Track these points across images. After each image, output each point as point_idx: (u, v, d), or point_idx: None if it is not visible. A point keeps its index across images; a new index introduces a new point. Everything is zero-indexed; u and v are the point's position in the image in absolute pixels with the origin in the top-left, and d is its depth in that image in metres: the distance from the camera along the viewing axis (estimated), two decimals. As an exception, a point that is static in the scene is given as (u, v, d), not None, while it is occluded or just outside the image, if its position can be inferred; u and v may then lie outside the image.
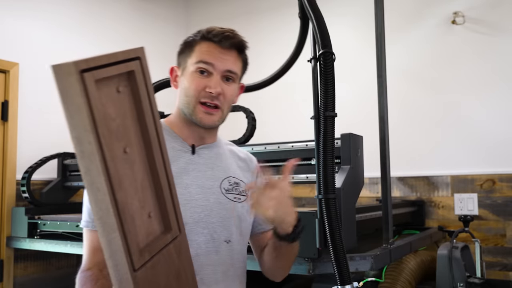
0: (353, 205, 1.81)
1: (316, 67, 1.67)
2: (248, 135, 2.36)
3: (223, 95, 1.28)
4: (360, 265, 1.69)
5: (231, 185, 1.35)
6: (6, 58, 2.97)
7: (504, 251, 2.85)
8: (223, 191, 1.33)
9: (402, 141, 3.15)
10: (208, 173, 1.32)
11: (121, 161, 0.80)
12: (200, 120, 1.27)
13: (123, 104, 0.83)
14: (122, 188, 0.79)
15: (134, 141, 0.85)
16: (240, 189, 1.37)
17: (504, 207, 2.87)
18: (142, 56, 0.86)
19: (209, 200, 1.29)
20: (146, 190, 0.87)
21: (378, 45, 2.02)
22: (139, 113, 0.86)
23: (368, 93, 3.17)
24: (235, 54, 1.31)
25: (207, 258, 1.28)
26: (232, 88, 1.32)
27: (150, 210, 0.88)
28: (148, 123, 0.87)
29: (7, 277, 2.88)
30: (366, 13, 2.51)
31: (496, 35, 3.00)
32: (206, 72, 1.27)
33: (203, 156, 1.34)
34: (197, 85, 1.26)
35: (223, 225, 1.31)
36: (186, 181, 1.27)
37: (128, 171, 0.82)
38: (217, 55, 1.27)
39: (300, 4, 1.84)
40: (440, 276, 2.10)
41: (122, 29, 3.76)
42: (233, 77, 1.31)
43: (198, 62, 1.27)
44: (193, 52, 1.29)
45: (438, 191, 3.09)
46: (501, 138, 2.93)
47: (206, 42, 1.29)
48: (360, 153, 1.92)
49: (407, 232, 2.74)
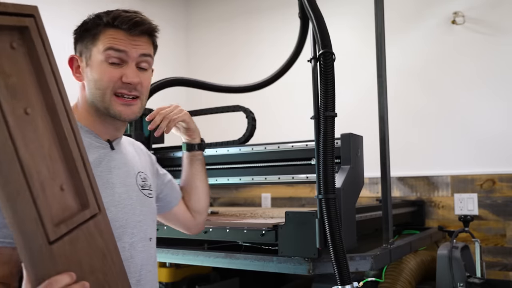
0: (353, 205, 1.81)
1: (316, 67, 1.67)
2: (248, 135, 2.36)
3: (140, 84, 1.19)
4: (360, 265, 1.69)
5: (143, 181, 1.31)
6: None
7: (504, 251, 2.85)
8: (140, 188, 1.28)
9: (402, 141, 3.15)
10: (124, 169, 1.25)
11: (22, 122, 0.74)
12: (120, 114, 1.17)
13: (19, 62, 0.77)
14: (28, 149, 0.74)
15: (36, 103, 0.79)
16: (148, 183, 1.34)
17: (504, 207, 2.87)
18: (36, 15, 0.80)
19: (132, 198, 1.24)
20: (55, 161, 0.81)
21: (378, 45, 2.02)
22: (38, 75, 0.80)
23: (368, 93, 3.16)
24: (146, 39, 1.22)
25: (141, 259, 1.23)
26: (148, 75, 1.25)
27: (61, 182, 0.82)
28: (51, 87, 0.81)
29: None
30: (366, 13, 2.51)
31: (497, 35, 3.00)
32: (119, 60, 1.16)
33: (119, 151, 1.26)
34: (111, 76, 1.15)
35: (147, 223, 1.28)
36: (111, 180, 1.19)
37: (31, 134, 0.76)
38: (128, 42, 1.17)
39: (300, 4, 1.84)
40: (440, 276, 2.10)
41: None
42: (149, 62, 1.23)
43: (108, 49, 1.15)
44: (98, 40, 1.17)
45: (438, 191, 3.09)
46: (501, 138, 2.93)
47: (113, 29, 1.17)
48: (360, 153, 1.92)
49: (407, 232, 2.74)
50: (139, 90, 1.19)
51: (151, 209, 1.32)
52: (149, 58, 1.23)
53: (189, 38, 4.38)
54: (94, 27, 1.18)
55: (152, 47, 1.26)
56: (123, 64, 1.17)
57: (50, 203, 0.77)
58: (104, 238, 0.91)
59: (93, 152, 1.16)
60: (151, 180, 1.38)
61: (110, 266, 0.92)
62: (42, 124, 0.80)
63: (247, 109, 2.39)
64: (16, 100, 0.74)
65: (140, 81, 1.19)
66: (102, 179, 1.16)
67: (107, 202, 1.07)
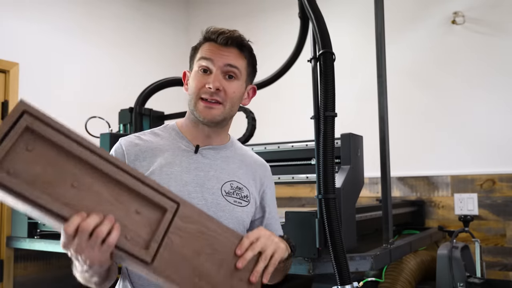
0: (353, 205, 1.81)
1: (316, 67, 1.67)
2: (248, 135, 2.36)
3: (223, 91, 1.26)
4: (360, 265, 1.69)
5: (232, 189, 1.33)
6: (6, 58, 2.97)
7: (504, 251, 2.85)
8: (223, 193, 1.31)
9: (402, 141, 3.14)
10: (211, 173, 1.31)
11: (76, 195, 0.87)
12: (200, 115, 1.26)
13: (41, 156, 0.86)
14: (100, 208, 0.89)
15: (76, 171, 0.89)
16: (242, 194, 1.35)
17: (504, 207, 2.87)
18: (25, 107, 0.86)
19: (207, 200, 1.27)
20: (119, 197, 0.92)
21: (378, 45, 2.02)
22: (60, 150, 0.88)
23: (368, 93, 3.16)
24: (235, 51, 1.30)
25: None
26: (235, 85, 1.29)
27: (134, 208, 0.93)
28: (76, 152, 0.88)
29: (7, 277, 2.88)
30: (366, 13, 2.51)
31: (496, 35, 3.00)
32: (208, 70, 1.27)
33: (208, 157, 1.33)
34: (199, 82, 1.26)
35: None
36: (186, 179, 1.26)
37: (90, 196, 0.89)
38: (216, 51, 1.27)
39: (300, 4, 1.84)
40: (440, 276, 2.10)
41: (122, 30, 3.76)
42: (235, 72, 1.29)
43: (200, 59, 1.28)
44: (197, 53, 1.31)
45: (438, 191, 3.09)
46: (501, 138, 2.92)
47: (208, 42, 1.30)
48: (360, 153, 1.93)
49: (407, 232, 2.74)
50: (221, 96, 1.26)
51: (231, 216, 1.30)
52: (236, 69, 1.29)
53: (190, 39, 4.38)
54: (198, 43, 1.33)
55: (244, 61, 1.33)
56: (211, 73, 1.27)
57: (135, 230, 0.92)
58: (195, 220, 1.00)
59: (177, 154, 1.29)
60: (251, 195, 1.36)
61: (213, 236, 1.02)
62: (91, 180, 0.90)
63: (247, 109, 2.39)
64: (61, 184, 0.86)
65: (221, 87, 1.26)
66: (176, 176, 1.25)
67: None
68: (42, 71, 3.17)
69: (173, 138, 1.33)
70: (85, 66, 3.48)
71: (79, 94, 3.39)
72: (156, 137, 1.32)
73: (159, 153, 1.28)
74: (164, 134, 1.34)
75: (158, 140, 1.31)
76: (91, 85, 3.49)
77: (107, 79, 3.61)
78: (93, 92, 3.49)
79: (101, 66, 3.59)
